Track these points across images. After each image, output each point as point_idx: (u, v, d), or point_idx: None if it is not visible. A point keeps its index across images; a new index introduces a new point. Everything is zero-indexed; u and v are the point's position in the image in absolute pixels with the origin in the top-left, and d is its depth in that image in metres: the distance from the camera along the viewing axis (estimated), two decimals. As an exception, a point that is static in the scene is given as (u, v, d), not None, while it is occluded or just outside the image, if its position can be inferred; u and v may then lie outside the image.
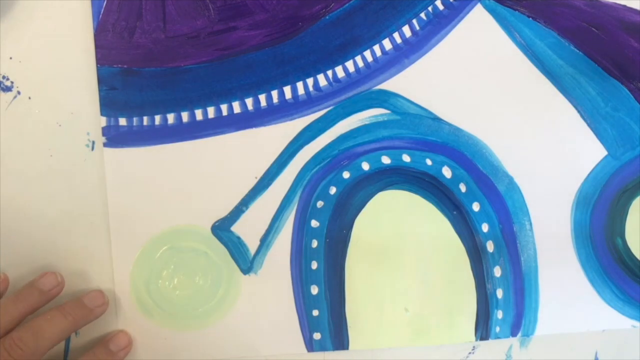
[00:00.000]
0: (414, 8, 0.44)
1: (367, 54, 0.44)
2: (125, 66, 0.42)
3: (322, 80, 0.43)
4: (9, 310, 0.38)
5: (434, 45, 0.44)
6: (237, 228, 0.43)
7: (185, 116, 0.43)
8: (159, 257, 0.43)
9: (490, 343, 0.45)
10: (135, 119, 0.42)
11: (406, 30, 0.44)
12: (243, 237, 0.43)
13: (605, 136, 0.45)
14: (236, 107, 0.43)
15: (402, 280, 0.44)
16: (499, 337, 0.45)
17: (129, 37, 0.42)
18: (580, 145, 0.45)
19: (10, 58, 0.42)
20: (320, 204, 0.44)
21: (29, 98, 0.42)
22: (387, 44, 0.44)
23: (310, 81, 0.43)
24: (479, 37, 0.44)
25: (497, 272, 0.45)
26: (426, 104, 0.44)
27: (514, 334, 0.45)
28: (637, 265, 0.46)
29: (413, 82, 0.44)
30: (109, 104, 0.42)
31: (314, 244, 0.44)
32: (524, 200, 0.45)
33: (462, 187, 0.44)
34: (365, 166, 0.44)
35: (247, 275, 0.44)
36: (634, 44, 0.45)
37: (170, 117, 0.43)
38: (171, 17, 0.42)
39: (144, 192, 0.43)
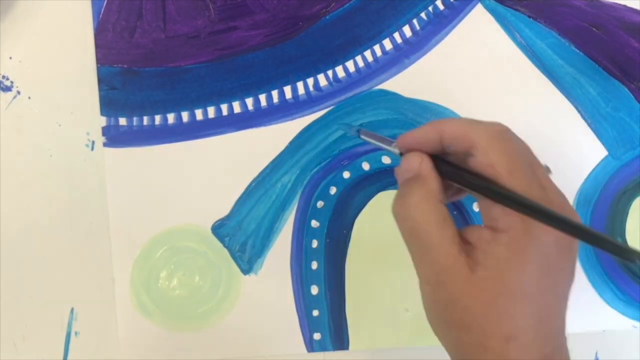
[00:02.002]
0: (415, 8, 0.44)
1: (368, 53, 0.44)
2: (125, 66, 0.42)
3: (322, 80, 0.43)
4: None
5: (434, 45, 0.44)
6: (237, 228, 0.43)
7: (185, 116, 0.43)
8: (159, 257, 0.43)
9: (490, 343, 0.45)
10: (135, 119, 0.42)
11: (406, 30, 0.44)
12: (243, 237, 0.43)
13: (605, 136, 0.45)
14: (236, 107, 0.43)
15: (402, 280, 0.44)
16: (499, 338, 0.45)
17: (129, 37, 0.42)
18: (581, 145, 0.45)
19: (10, 58, 0.42)
20: (320, 204, 0.44)
21: (29, 98, 0.42)
22: (387, 43, 0.44)
23: (310, 81, 0.43)
24: (480, 37, 0.44)
25: (498, 272, 0.45)
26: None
27: (514, 334, 0.45)
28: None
29: (413, 82, 0.44)
30: (109, 104, 0.42)
31: (314, 244, 0.44)
32: (524, 201, 0.45)
33: (463, 187, 0.44)
34: (366, 166, 0.44)
35: (247, 276, 0.44)
36: (635, 44, 0.45)
37: (171, 117, 0.43)
38: (171, 17, 0.42)
39: (144, 192, 0.43)
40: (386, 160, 0.44)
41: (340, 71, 0.44)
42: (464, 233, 0.31)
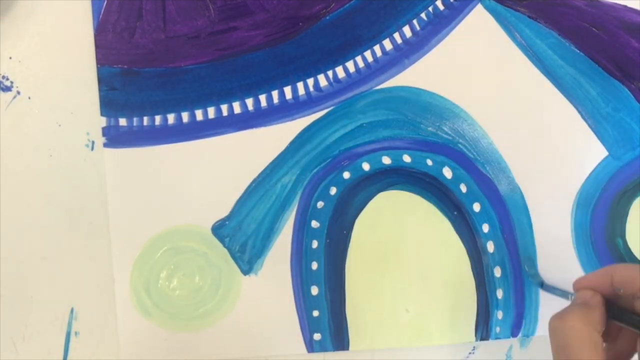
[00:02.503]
0: (415, 8, 0.44)
1: (368, 54, 0.44)
2: (125, 66, 0.42)
3: (322, 80, 0.43)
4: None
5: (434, 46, 0.44)
6: (237, 228, 0.43)
7: (185, 116, 0.43)
8: (159, 257, 0.43)
9: (490, 343, 0.45)
10: (135, 119, 0.42)
11: (406, 30, 0.44)
12: (243, 238, 0.43)
13: (606, 137, 0.45)
14: (236, 107, 0.43)
15: (402, 281, 0.44)
16: (499, 338, 0.45)
17: (129, 37, 0.42)
18: (581, 145, 0.45)
19: (10, 58, 0.42)
20: (320, 204, 0.44)
21: (29, 98, 0.42)
22: (387, 44, 0.44)
23: (310, 81, 0.43)
24: (480, 37, 0.44)
25: (498, 272, 0.45)
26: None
27: (514, 334, 0.45)
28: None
29: (413, 82, 0.44)
30: (109, 104, 0.42)
31: (314, 244, 0.44)
32: (524, 201, 0.45)
33: (463, 188, 0.44)
34: (366, 166, 0.44)
35: (247, 276, 0.44)
36: (635, 44, 0.45)
37: (171, 118, 0.43)
38: (171, 17, 0.42)
39: (144, 192, 0.43)
40: (386, 160, 0.44)
41: (340, 71, 0.43)
42: None
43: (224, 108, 0.43)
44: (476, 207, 0.45)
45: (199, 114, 0.43)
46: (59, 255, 0.43)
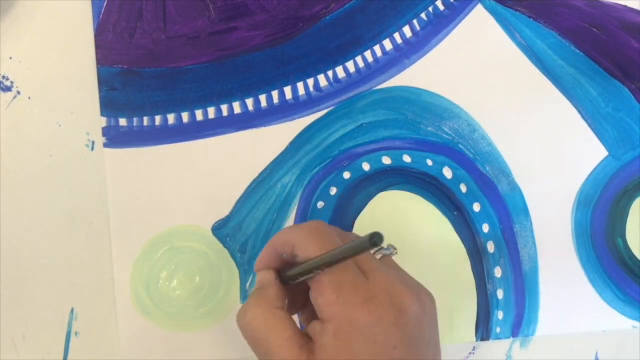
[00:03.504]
0: (415, 8, 0.44)
1: (368, 54, 0.44)
2: (125, 66, 0.42)
3: (322, 80, 0.43)
4: None
5: (434, 46, 0.44)
6: (237, 228, 0.43)
7: (185, 116, 0.43)
8: (159, 257, 0.43)
9: (490, 343, 0.45)
10: (135, 119, 0.42)
11: (406, 30, 0.44)
12: (243, 238, 0.43)
13: (606, 136, 0.45)
14: (236, 107, 0.43)
15: (402, 281, 0.44)
16: (499, 338, 0.45)
17: (129, 37, 0.42)
18: (581, 145, 0.45)
19: (10, 58, 0.42)
20: (320, 204, 0.44)
21: (29, 98, 0.42)
22: (387, 44, 0.44)
23: (310, 81, 0.43)
24: (480, 37, 0.44)
25: (498, 272, 0.45)
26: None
27: (514, 334, 0.45)
28: (637, 266, 0.46)
29: (413, 83, 0.44)
30: (109, 104, 0.42)
31: (314, 244, 0.44)
32: (524, 201, 0.45)
33: (463, 188, 0.44)
34: (366, 166, 0.44)
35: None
36: (635, 44, 0.45)
37: (171, 118, 0.43)
38: (171, 18, 0.42)
39: (144, 192, 0.43)
40: (386, 160, 0.44)
41: (340, 71, 0.44)
42: (308, 329, 0.32)
43: (224, 108, 0.43)
44: (476, 207, 0.45)
45: (199, 114, 0.43)
46: (59, 255, 0.43)
